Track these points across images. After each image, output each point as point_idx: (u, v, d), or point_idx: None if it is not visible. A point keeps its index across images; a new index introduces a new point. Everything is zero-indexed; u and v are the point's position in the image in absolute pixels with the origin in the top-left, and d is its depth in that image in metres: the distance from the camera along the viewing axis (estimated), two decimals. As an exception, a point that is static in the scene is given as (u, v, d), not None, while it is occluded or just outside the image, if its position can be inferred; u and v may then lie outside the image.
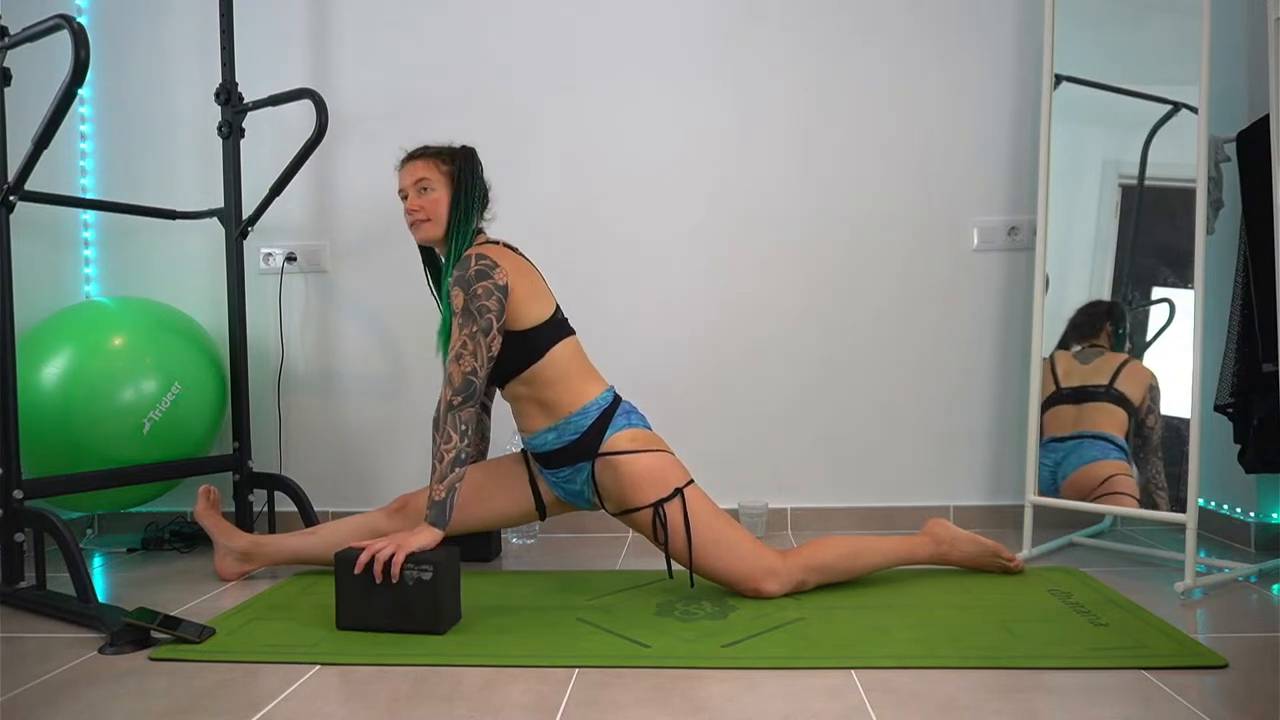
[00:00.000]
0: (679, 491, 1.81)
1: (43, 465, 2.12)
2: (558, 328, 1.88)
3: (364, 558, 1.64)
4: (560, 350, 1.86)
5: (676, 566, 1.88)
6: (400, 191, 1.94)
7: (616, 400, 1.90)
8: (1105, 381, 2.03)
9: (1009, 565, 1.98)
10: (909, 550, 1.97)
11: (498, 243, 1.90)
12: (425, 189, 1.89)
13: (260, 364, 2.59)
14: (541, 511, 1.98)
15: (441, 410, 1.74)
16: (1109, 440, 2.04)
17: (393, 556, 1.63)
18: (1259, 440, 1.99)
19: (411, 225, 1.92)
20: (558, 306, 1.91)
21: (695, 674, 1.45)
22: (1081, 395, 2.10)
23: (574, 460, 1.86)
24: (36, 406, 2.08)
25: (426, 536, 1.68)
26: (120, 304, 2.40)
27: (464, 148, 1.95)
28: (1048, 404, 2.17)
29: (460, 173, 1.90)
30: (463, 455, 1.72)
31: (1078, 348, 2.15)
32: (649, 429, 1.91)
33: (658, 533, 1.82)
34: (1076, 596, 1.81)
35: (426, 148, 1.95)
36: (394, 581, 1.63)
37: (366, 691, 1.41)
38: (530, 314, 1.83)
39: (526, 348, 1.83)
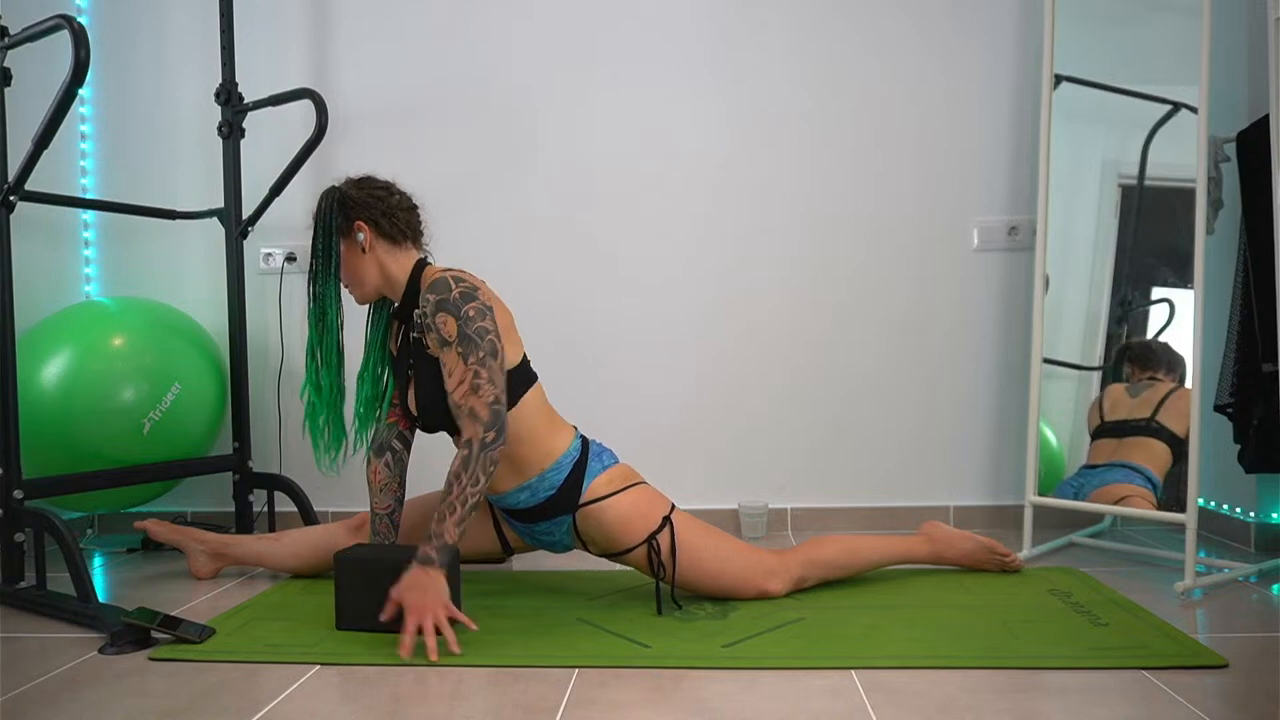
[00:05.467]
0: (667, 520, 1.76)
1: (43, 465, 2.12)
2: (526, 375, 1.74)
3: (410, 643, 1.50)
4: (529, 401, 1.72)
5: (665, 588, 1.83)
6: None
7: (585, 445, 1.79)
8: (1147, 415, 1.99)
9: (1006, 562, 1.98)
10: (907, 549, 1.97)
11: (463, 271, 1.73)
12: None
13: (260, 364, 2.59)
14: (507, 551, 1.93)
15: (474, 449, 1.55)
16: (1138, 470, 2.01)
17: (431, 621, 1.53)
18: (1259, 440, 1.99)
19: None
20: (525, 353, 1.76)
21: (695, 674, 1.45)
22: (1122, 429, 2.08)
23: (552, 515, 1.77)
24: (36, 406, 2.08)
25: (440, 581, 1.56)
26: (120, 304, 2.40)
27: (323, 194, 1.75)
28: (1094, 436, 2.14)
29: (313, 231, 1.74)
30: (482, 495, 1.57)
31: (1131, 380, 2.10)
32: (619, 462, 1.82)
33: (654, 565, 1.75)
34: (1076, 596, 1.81)
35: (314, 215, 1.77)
36: (441, 636, 1.52)
37: (366, 691, 1.41)
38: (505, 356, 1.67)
39: None
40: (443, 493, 1.58)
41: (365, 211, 1.73)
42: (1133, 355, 2.10)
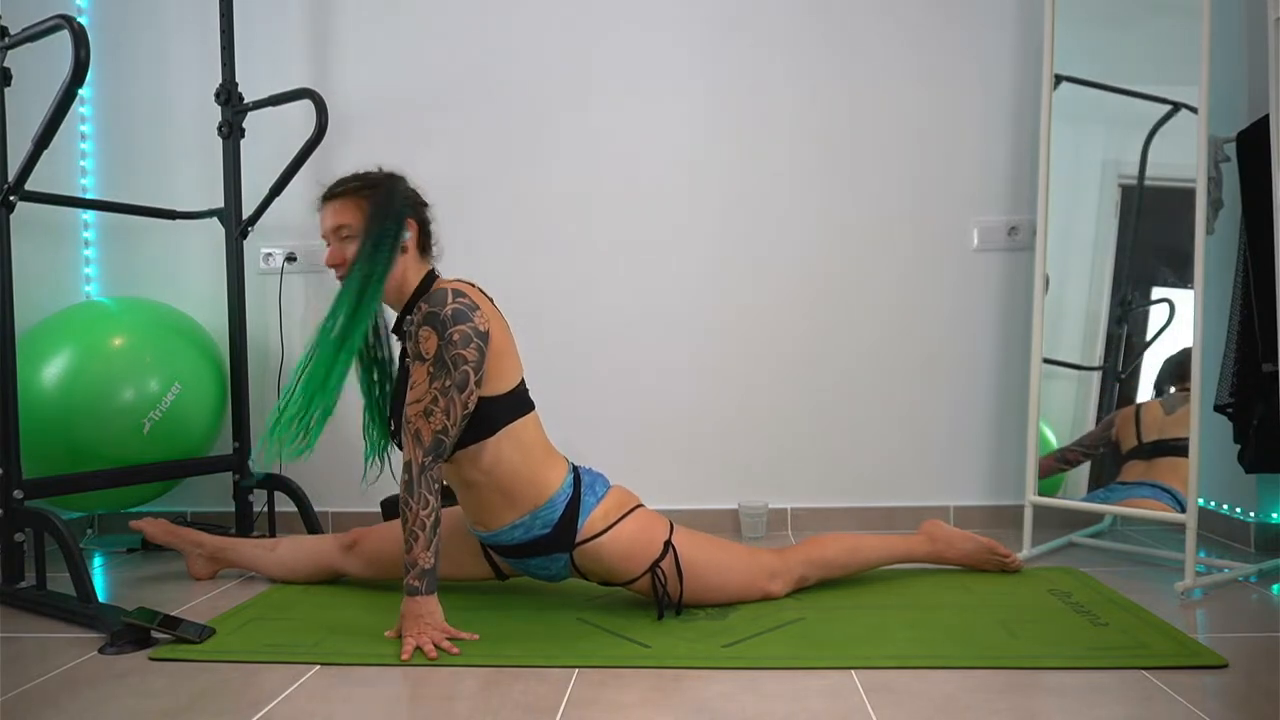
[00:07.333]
0: (668, 544, 1.71)
1: (43, 465, 2.11)
2: (520, 402, 1.66)
3: (409, 653, 1.53)
4: (520, 431, 1.65)
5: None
6: (323, 238, 1.68)
7: (578, 479, 1.71)
8: (1185, 434, 1.93)
9: (1006, 562, 1.98)
10: (907, 548, 1.97)
11: (471, 284, 1.68)
12: (348, 237, 1.63)
13: (260, 364, 2.59)
14: (501, 578, 1.89)
15: (414, 473, 1.55)
16: (1167, 491, 1.99)
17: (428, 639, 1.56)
18: (1259, 440, 1.99)
19: (339, 279, 1.65)
20: (522, 378, 1.70)
21: (695, 674, 1.45)
22: (1156, 450, 2.05)
23: (547, 552, 1.70)
24: (36, 406, 2.08)
25: (433, 606, 1.59)
26: (120, 304, 2.40)
27: (387, 175, 1.68)
28: (1128, 457, 2.11)
29: (372, 211, 1.62)
30: (438, 513, 1.58)
31: (1170, 391, 2.07)
32: (611, 486, 1.76)
33: (658, 591, 1.71)
34: (1076, 596, 1.81)
35: (346, 183, 1.67)
36: (433, 655, 1.53)
37: (366, 691, 1.41)
38: (495, 379, 1.61)
39: (479, 419, 1.61)
40: (401, 522, 1.59)
41: (418, 212, 1.68)
42: (1178, 369, 2.04)
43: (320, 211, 1.69)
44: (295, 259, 2.60)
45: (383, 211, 1.63)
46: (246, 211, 2.42)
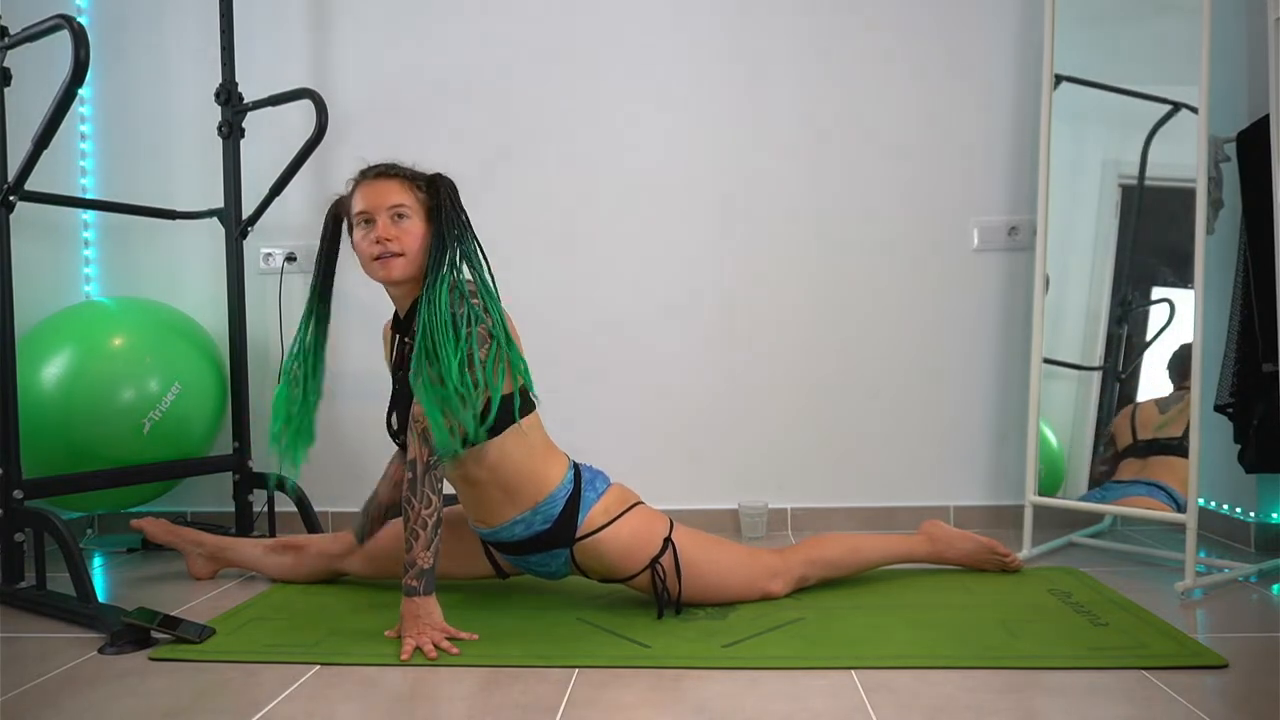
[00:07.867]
0: (668, 541, 1.72)
1: (43, 465, 2.11)
2: (524, 401, 1.65)
3: (409, 654, 1.53)
4: (523, 428, 1.65)
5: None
6: (360, 214, 1.62)
7: (578, 475, 1.73)
8: (1179, 433, 1.93)
9: (1006, 562, 1.98)
10: (907, 548, 1.97)
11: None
12: (402, 216, 1.60)
13: (260, 364, 2.58)
14: (501, 576, 1.89)
15: (418, 472, 1.55)
16: (1162, 489, 1.99)
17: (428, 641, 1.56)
18: (1259, 440, 1.99)
19: (378, 259, 1.59)
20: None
21: (695, 674, 1.45)
22: (1151, 448, 2.05)
23: (548, 548, 1.71)
24: (36, 406, 2.08)
25: (431, 606, 1.58)
26: (120, 304, 2.40)
27: (442, 175, 1.66)
28: (1123, 455, 2.12)
29: (443, 203, 1.62)
30: (439, 513, 1.58)
31: (1168, 393, 2.07)
32: (611, 484, 1.77)
33: (658, 588, 1.71)
34: (1076, 596, 1.81)
35: (398, 166, 1.66)
36: (433, 655, 1.53)
37: (366, 691, 1.41)
38: (505, 378, 1.61)
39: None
40: (403, 520, 1.60)
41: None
42: (1180, 364, 2.03)
43: (361, 187, 1.64)
44: (295, 259, 2.60)
45: (459, 206, 1.63)
46: (246, 211, 2.42)
